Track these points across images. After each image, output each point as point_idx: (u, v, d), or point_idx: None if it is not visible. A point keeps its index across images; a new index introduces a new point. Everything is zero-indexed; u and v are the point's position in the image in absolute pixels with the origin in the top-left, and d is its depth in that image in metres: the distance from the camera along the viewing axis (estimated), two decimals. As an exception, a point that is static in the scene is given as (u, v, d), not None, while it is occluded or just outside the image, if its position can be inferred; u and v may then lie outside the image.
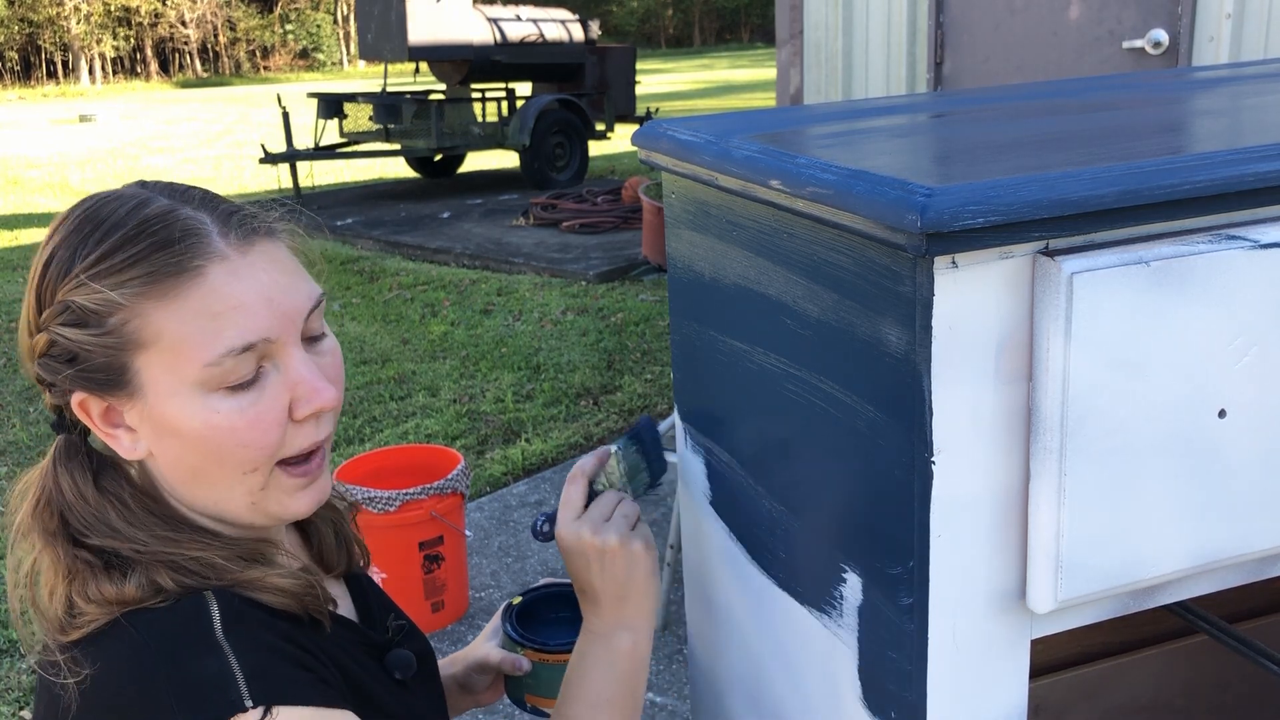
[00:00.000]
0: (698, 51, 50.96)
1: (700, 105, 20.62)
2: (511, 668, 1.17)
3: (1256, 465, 0.91)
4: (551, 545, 3.57)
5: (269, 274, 0.87)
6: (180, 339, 0.83)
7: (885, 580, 0.95)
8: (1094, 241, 0.85)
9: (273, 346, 0.86)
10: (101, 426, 0.88)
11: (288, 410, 0.87)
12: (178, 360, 0.84)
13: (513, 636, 1.17)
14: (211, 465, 0.86)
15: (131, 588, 0.84)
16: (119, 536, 0.87)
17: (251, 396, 0.85)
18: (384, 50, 10.65)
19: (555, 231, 8.54)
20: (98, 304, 0.83)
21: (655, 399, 4.85)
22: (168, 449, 0.87)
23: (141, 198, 0.87)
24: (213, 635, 0.82)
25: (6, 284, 7.84)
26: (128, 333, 0.83)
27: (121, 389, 0.85)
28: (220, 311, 0.83)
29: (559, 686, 1.14)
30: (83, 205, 0.88)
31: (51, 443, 0.94)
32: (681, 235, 1.28)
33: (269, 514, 0.91)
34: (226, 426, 0.85)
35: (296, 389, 0.87)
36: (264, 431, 0.86)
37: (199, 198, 0.89)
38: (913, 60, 4.57)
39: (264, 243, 0.88)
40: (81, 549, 0.87)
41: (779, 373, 1.08)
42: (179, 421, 0.85)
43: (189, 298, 0.83)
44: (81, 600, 0.85)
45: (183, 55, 47.87)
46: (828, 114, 1.34)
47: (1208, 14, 3.64)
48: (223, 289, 0.84)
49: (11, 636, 3.19)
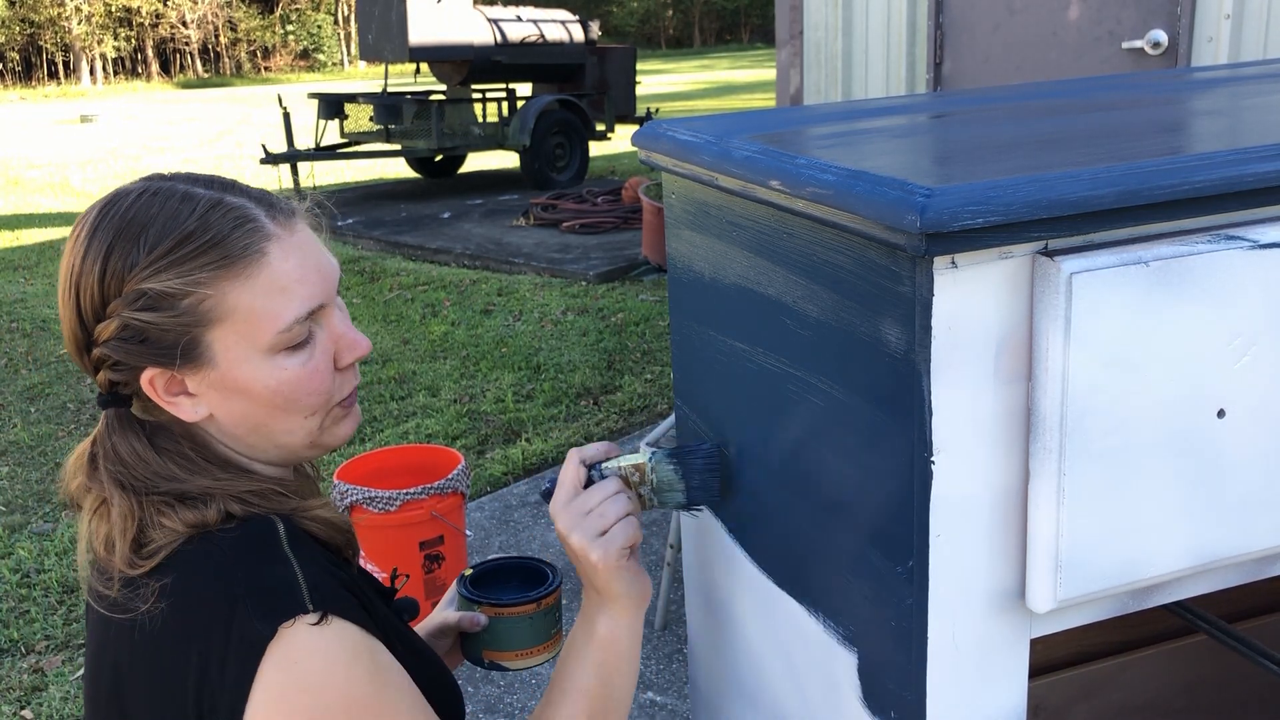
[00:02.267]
0: (698, 52, 50.94)
1: (700, 106, 20.61)
2: (470, 624, 1.25)
3: (1256, 465, 0.91)
4: (552, 545, 3.57)
5: (312, 247, 1.00)
6: (253, 312, 0.95)
7: (885, 580, 0.95)
8: (1093, 241, 0.85)
9: (322, 310, 1.00)
10: (164, 397, 0.98)
11: (334, 360, 1.02)
12: (252, 330, 0.96)
13: (469, 597, 1.25)
14: (279, 414, 1.00)
15: (212, 513, 0.96)
16: (186, 484, 0.98)
17: (306, 353, 0.99)
18: (385, 51, 10.64)
19: (555, 232, 8.53)
20: (174, 289, 0.93)
21: (655, 399, 4.85)
22: (235, 407, 0.99)
23: (182, 191, 0.97)
24: (280, 548, 0.96)
25: (7, 284, 7.84)
26: (202, 311, 0.94)
27: (191, 362, 0.96)
28: (285, 285, 0.96)
29: (514, 640, 1.24)
30: (120, 204, 0.96)
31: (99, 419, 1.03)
32: (681, 235, 1.28)
33: (324, 445, 1.05)
34: (294, 380, 0.98)
35: (340, 341, 1.02)
36: (321, 379, 1.00)
37: (230, 185, 1.00)
38: (913, 60, 4.57)
39: (299, 222, 1.01)
40: (153, 494, 0.97)
41: (779, 372, 1.08)
42: (252, 384, 0.97)
43: (257, 276, 0.95)
44: (158, 530, 0.95)
45: (184, 56, 47.87)
46: (828, 114, 1.34)
47: (1207, 15, 3.64)
48: (283, 265, 0.97)
49: (12, 636, 3.19)
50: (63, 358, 5.93)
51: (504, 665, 1.25)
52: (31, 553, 3.70)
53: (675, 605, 3.11)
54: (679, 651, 2.95)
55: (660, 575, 3.18)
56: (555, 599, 1.26)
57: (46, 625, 3.25)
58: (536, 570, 1.31)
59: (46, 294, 7.46)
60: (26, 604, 3.38)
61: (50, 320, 6.71)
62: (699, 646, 1.43)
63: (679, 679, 2.85)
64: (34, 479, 4.35)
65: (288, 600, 0.91)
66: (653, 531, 3.63)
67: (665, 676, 2.86)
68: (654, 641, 3.01)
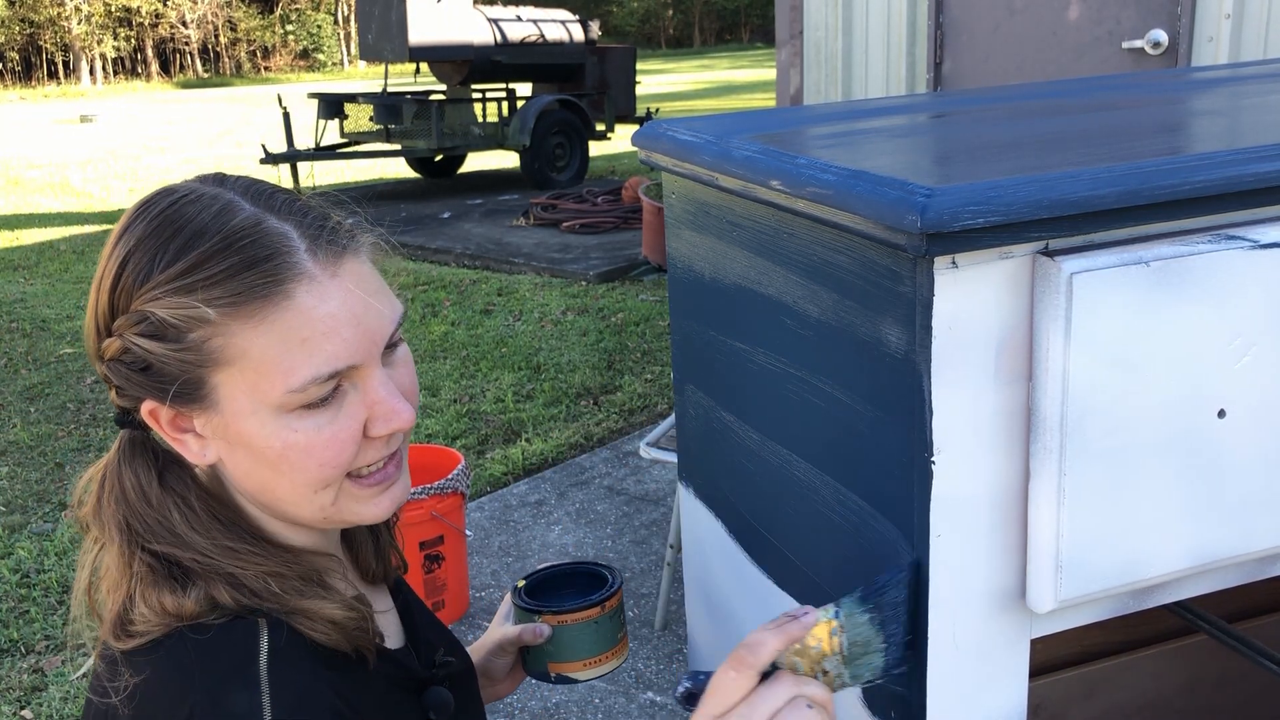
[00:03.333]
0: (698, 52, 50.95)
1: (700, 105, 20.62)
2: (533, 636, 1.15)
3: (1256, 465, 0.91)
4: (551, 546, 3.57)
5: (357, 296, 0.84)
6: (264, 361, 0.81)
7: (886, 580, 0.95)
8: (1094, 242, 0.85)
9: (355, 370, 0.84)
10: (169, 432, 0.86)
11: (363, 428, 0.86)
12: (260, 382, 0.81)
13: (527, 608, 1.17)
14: (283, 481, 0.85)
15: (190, 602, 0.83)
16: (180, 544, 0.85)
17: (329, 415, 0.84)
18: (384, 51, 10.65)
19: (555, 231, 8.54)
20: (179, 319, 0.80)
21: (655, 399, 4.85)
22: (239, 461, 0.86)
23: (225, 201, 0.84)
24: (254, 667, 0.81)
25: (7, 284, 7.84)
26: (209, 350, 0.81)
27: (195, 402, 0.83)
28: (308, 337, 0.81)
29: (580, 648, 1.15)
30: (161, 203, 0.84)
31: (115, 437, 0.92)
32: (681, 235, 1.28)
33: (344, 522, 0.90)
34: (304, 445, 0.83)
35: (375, 409, 0.86)
36: (339, 450, 0.84)
37: (284, 204, 0.86)
38: (913, 60, 4.57)
39: (350, 260, 0.86)
40: (144, 552, 0.86)
41: (779, 373, 1.08)
42: (255, 439, 0.83)
43: (276, 320, 0.81)
44: (141, 606, 0.84)
45: (183, 56, 47.88)
46: (828, 114, 1.34)
47: (1207, 14, 3.64)
48: (311, 313, 0.81)
49: (12, 636, 3.19)
50: (63, 358, 5.93)
51: (572, 677, 1.17)
52: (31, 553, 3.70)
53: (675, 605, 3.11)
54: (679, 651, 2.95)
55: (660, 575, 3.19)
56: (618, 601, 1.19)
57: (46, 625, 3.25)
58: (593, 573, 1.23)
59: (46, 294, 7.46)
60: (26, 604, 3.38)
61: (50, 320, 6.71)
62: (699, 646, 1.43)
63: (679, 679, 2.85)
64: (34, 479, 4.35)
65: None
66: (652, 532, 3.63)
67: (665, 677, 2.86)
68: (654, 642, 3.01)
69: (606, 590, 1.18)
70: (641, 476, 4.07)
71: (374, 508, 0.89)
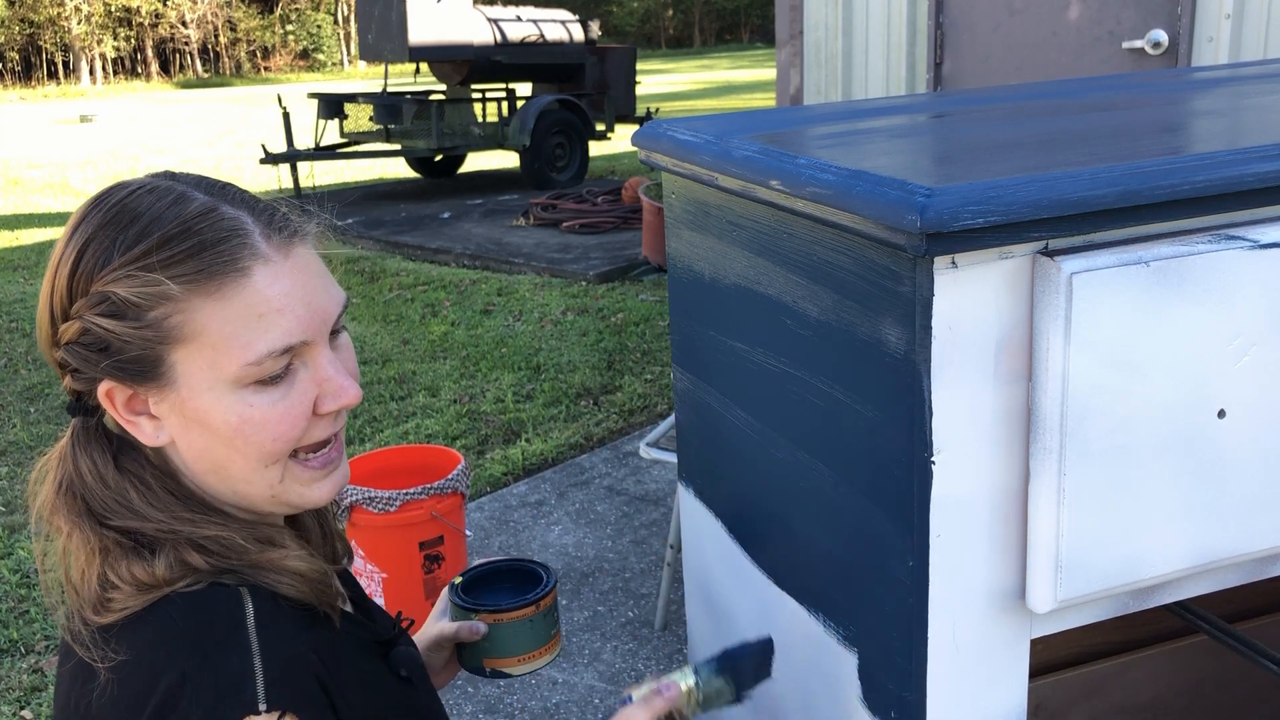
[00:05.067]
0: (698, 52, 50.94)
1: (700, 105, 20.61)
2: (469, 634, 1.21)
3: (1256, 465, 0.91)
4: (551, 546, 3.57)
5: (307, 277, 0.90)
6: (223, 337, 0.86)
7: (885, 580, 0.95)
8: (1094, 242, 0.85)
9: (306, 347, 0.90)
10: (124, 414, 0.90)
11: (313, 405, 0.91)
12: (218, 357, 0.86)
13: (464, 606, 1.22)
14: (236, 457, 0.89)
15: (161, 568, 0.87)
16: (140, 517, 0.89)
17: (282, 390, 0.89)
18: (384, 51, 10.65)
19: (555, 231, 8.53)
20: (140, 297, 0.85)
21: (655, 399, 4.85)
22: (194, 440, 0.90)
23: (179, 192, 0.88)
24: (243, 630, 0.85)
25: (7, 284, 7.84)
26: (168, 327, 0.85)
27: (153, 380, 0.87)
28: (264, 313, 0.87)
29: (515, 645, 1.20)
30: (115, 195, 0.89)
31: (68, 426, 0.96)
32: (681, 235, 1.28)
33: (289, 504, 0.94)
34: (259, 420, 0.88)
35: (324, 386, 0.91)
36: (291, 424, 0.90)
37: (235, 195, 0.91)
38: (913, 60, 4.57)
39: (300, 246, 0.91)
40: (108, 529, 0.89)
41: (779, 373, 1.08)
42: (211, 415, 0.88)
43: (234, 298, 0.86)
44: (115, 579, 0.87)
45: (183, 56, 47.89)
46: (828, 114, 1.34)
47: (1207, 14, 3.64)
48: (266, 290, 0.87)
49: (12, 636, 3.19)
50: (62, 358, 5.92)
51: (507, 672, 1.23)
52: (31, 553, 3.70)
53: (675, 605, 3.11)
54: (679, 652, 2.95)
55: (660, 575, 3.19)
56: (552, 599, 1.24)
57: (46, 625, 3.25)
58: (528, 571, 1.28)
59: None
60: (26, 604, 3.38)
61: (50, 320, 6.71)
62: (699, 646, 1.43)
63: (679, 679, 2.84)
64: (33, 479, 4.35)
65: (236, 698, 0.81)
66: (652, 532, 3.63)
67: (665, 676, 2.86)
68: (654, 642, 3.01)
69: (541, 589, 1.22)
70: (641, 476, 4.07)
71: (317, 490, 0.94)
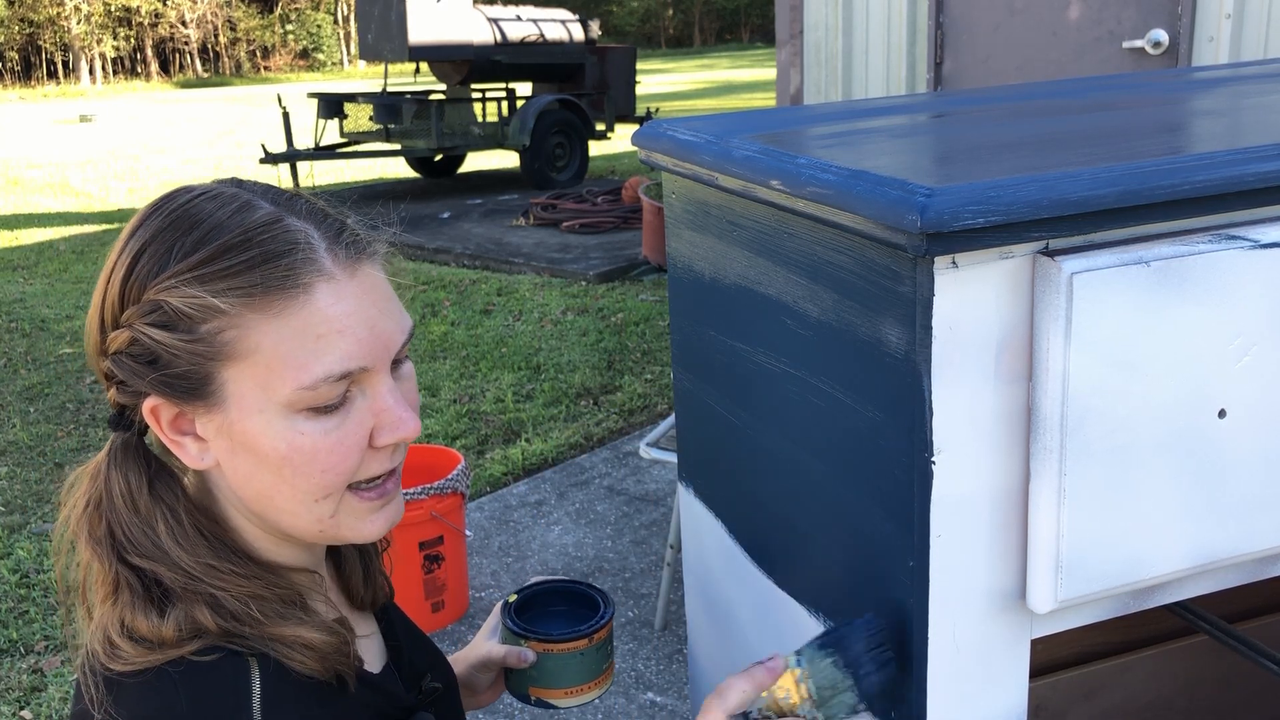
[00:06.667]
0: (698, 51, 50.96)
1: (700, 105, 20.61)
2: (517, 661, 1.15)
3: (1256, 465, 0.91)
4: (551, 546, 3.57)
5: (373, 298, 0.84)
6: (277, 357, 0.80)
7: (886, 580, 0.95)
8: (1094, 241, 0.85)
9: (365, 374, 0.83)
10: (168, 433, 0.84)
11: (369, 437, 0.85)
12: (271, 378, 0.80)
13: (515, 630, 1.16)
14: (284, 487, 0.83)
15: (169, 628, 0.81)
16: (162, 559, 0.83)
17: (336, 420, 0.82)
18: (384, 50, 10.65)
19: (555, 231, 8.54)
20: (193, 308, 0.79)
21: (655, 399, 4.85)
22: (240, 465, 0.84)
23: (244, 200, 0.83)
24: (248, 712, 0.80)
25: (7, 284, 7.83)
26: (221, 342, 0.80)
27: (200, 399, 0.82)
28: (323, 334, 0.80)
29: (564, 678, 1.14)
30: (178, 199, 0.84)
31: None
32: (682, 235, 1.28)
33: (339, 538, 0.88)
34: (309, 449, 0.82)
35: (381, 417, 0.85)
36: (343, 456, 0.83)
37: (304, 207, 0.86)
38: (913, 60, 4.57)
39: (367, 265, 0.85)
40: (125, 565, 0.83)
41: (779, 373, 1.08)
42: (259, 440, 0.82)
43: (293, 315, 0.80)
44: (122, 629, 0.81)
45: (183, 55, 47.89)
46: (828, 114, 1.34)
47: (1208, 14, 3.64)
48: (328, 310, 0.81)
49: (11, 636, 3.19)
50: (62, 358, 5.93)
51: (552, 704, 1.16)
52: (30, 553, 3.70)
53: (675, 605, 3.11)
54: (679, 651, 2.95)
55: (660, 575, 3.18)
56: (607, 632, 1.17)
57: (46, 626, 3.25)
58: (585, 597, 1.21)
59: (45, 294, 7.46)
60: (25, 604, 3.38)
61: (49, 320, 6.71)
62: (699, 646, 1.43)
63: (679, 679, 2.84)
64: (33, 479, 4.35)
65: None
66: (652, 532, 3.63)
67: (665, 677, 2.85)
68: (654, 642, 3.01)
69: (596, 622, 1.16)
70: (641, 476, 4.07)
71: (370, 525, 0.88)
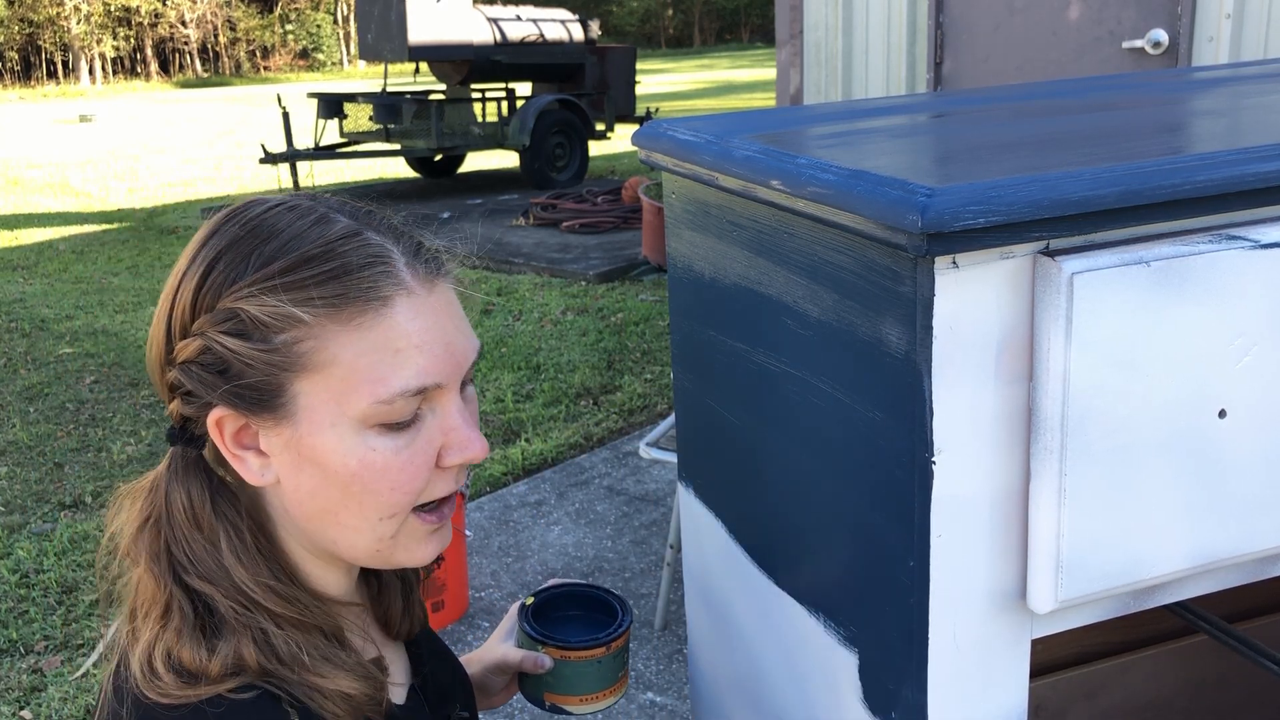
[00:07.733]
0: (698, 51, 50.96)
1: (700, 105, 20.62)
2: (533, 666, 1.15)
3: (1256, 465, 0.91)
4: (551, 546, 3.57)
5: (448, 316, 0.84)
6: (355, 370, 0.79)
7: (886, 580, 0.95)
8: (1094, 242, 0.85)
9: (437, 392, 0.83)
10: (231, 447, 0.82)
11: (436, 456, 0.84)
12: (346, 391, 0.79)
13: (533, 635, 1.16)
14: (351, 504, 0.82)
15: (216, 665, 0.79)
16: (222, 579, 0.82)
17: (407, 438, 0.82)
18: (384, 50, 10.65)
19: (555, 231, 8.54)
20: (271, 317, 0.78)
21: (655, 399, 4.85)
22: (305, 481, 0.82)
23: (321, 212, 0.83)
24: None
25: (7, 284, 7.83)
26: (297, 353, 0.78)
27: (269, 411, 0.80)
28: (402, 348, 0.80)
29: (580, 684, 1.14)
30: (253, 209, 0.83)
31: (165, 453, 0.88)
32: (682, 235, 1.28)
33: (392, 561, 0.87)
34: (380, 466, 0.81)
35: (450, 436, 0.84)
36: (413, 475, 0.83)
37: (380, 222, 0.86)
38: (913, 60, 4.57)
39: (443, 282, 0.85)
40: (181, 587, 0.82)
41: (779, 373, 1.08)
42: (330, 455, 0.80)
43: (372, 328, 0.79)
44: (162, 660, 0.80)
45: (183, 55, 47.89)
46: (828, 114, 1.34)
47: (1207, 14, 3.64)
48: (407, 324, 0.80)
49: (11, 636, 3.19)
50: (62, 358, 5.92)
51: (566, 710, 1.16)
52: (30, 553, 3.70)
53: (675, 605, 3.11)
54: (679, 651, 2.95)
55: (660, 575, 3.18)
56: (624, 640, 1.17)
57: (45, 626, 3.25)
58: (602, 602, 1.21)
59: (45, 294, 7.46)
60: (25, 604, 3.38)
61: (49, 320, 6.70)
62: (699, 646, 1.43)
63: (679, 679, 2.85)
64: (33, 479, 4.35)
65: None
66: (652, 532, 3.63)
67: (665, 677, 2.86)
68: (654, 642, 3.01)
69: (614, 630, 1.16)
70: (641, 476, 4.07)
71: (424, 548, 0.88)
